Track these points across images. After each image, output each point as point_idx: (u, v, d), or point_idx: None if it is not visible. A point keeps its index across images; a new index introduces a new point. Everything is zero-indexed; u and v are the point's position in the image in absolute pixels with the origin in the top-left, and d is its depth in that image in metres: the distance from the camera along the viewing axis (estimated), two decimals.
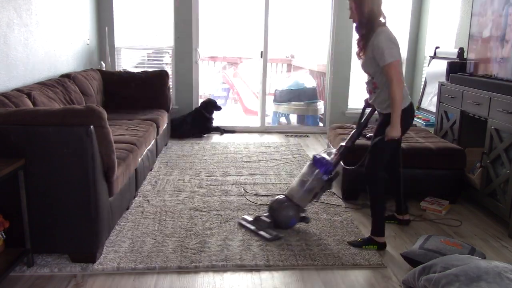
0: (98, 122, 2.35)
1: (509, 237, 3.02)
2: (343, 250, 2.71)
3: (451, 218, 3.09)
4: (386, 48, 2.51)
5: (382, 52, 2.51)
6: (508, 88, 3.20)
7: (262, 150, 5.04)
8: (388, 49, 2.51)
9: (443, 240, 2.57)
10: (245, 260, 2.54)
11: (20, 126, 2.28)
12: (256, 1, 5.93)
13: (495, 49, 3.77)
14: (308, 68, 7.79)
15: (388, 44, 2.52)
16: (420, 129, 4.42)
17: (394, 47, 2.54)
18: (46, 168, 2.31)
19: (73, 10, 4.67)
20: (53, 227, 2.40)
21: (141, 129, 3.74)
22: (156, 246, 2.68)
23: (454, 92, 3.97)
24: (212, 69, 8.74)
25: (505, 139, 3.15)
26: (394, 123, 2.57)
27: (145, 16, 5.86)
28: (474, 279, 1.90)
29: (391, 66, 2.51)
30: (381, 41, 2.52)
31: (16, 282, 2.29)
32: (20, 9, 3.49)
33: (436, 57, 4.99)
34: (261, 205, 3.35)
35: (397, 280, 2.43)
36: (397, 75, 2.51)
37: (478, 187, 3.42)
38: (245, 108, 7.71)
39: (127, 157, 2.96)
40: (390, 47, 2.52)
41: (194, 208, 3.28)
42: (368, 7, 2.55)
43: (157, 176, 3.98)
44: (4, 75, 3.28)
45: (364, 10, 2.56)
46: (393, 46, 2.53)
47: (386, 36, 2.54)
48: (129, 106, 4.72)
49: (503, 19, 3.67)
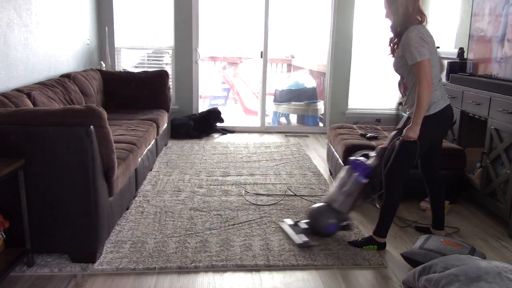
0: (98, 122, 2.35)
1: (509, 237, 3.02)
2: (343, 250, 2.71)
3: (447, 226, 3.07)
4: (415, 46, 2.41)
5: (411, 50, 2.42)
6: (508, 88, 3.20)
7: (262, 150, 5.04)
8: (418, 47, 2.40)
9: (443, 240, 2.57)
10: (245, 260, 2.54)
11: (20, 126, 2.28)
12: (256, 1, 5.93)
13: (495, 49, 3.77)
14: (308, 68, 7.79)
15: (419, 42, 2.41)
16: None
17: (425, 46, 2.42)
18: (46, 168, 2.31)
19: (73, 10, 4.67)
20: (53, 227, 2.40)
21: (141, 129, 3.74)
22: (156, 246, 2.68)
23: (454, 92, 3.97)
24: (212, 69, 8.74)
25: (505, 139, 3.15)
26: (414, 123, 2.47)
27: (145, 16, 5.86)
28: (474, 279, 1.90)
29: (419, 65, 2.40)
30: (411, 38, 2.43)
31: (16, 282, 2.29)
32: (20, 9, 3.49)
33: None
34: (261, 205, 3.36)
35: (397, 280, 2.43)
36: (426, 75, 2.40)
37: (478, 187, 3.42)
38: (245, 108, 7.71)
39: (127, 157, 2.96)
40: (421, 45, 2.41)
41: (194, 208, 3.28)
42: (403, 5, 2.48)
43: (157, 176, 3.98)
44: (4, 75, 3.28)
45: (399, 9, 2.49)
46: (423, 44, 2.41)
47: (417, 33, 2.43)
48: (129, 106, 4.72)
49: (503, 19, 3.67)
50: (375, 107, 6.09)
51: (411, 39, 2.42)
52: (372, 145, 3.54)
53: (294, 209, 3.31)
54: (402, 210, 3.41)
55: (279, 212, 3.24)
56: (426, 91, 2.40)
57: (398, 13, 2.50)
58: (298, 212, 3.26)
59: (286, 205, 3.39)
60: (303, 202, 3.45)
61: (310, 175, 4.14)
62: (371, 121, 5.77)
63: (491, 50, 3.82)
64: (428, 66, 2.41)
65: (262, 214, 3.21)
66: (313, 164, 4.51)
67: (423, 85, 2.40)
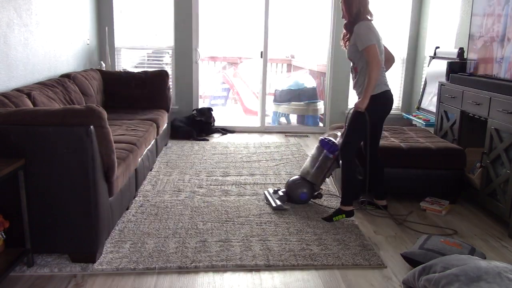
0: (98, 122, 2.35)
1: (509, 237, 3.02)
2: (343, 250, 2.71)
3: (447, 228, 3.08)
4: (364, 34, 2.92)
5: (361, 38, 2.92)
6: (508, 88, 3.20)
7: (262, 150, 5.04)
8: (367, 35, 2.92)
9: (443, 240, 2.57)
10: (245, 260, 2.54)
11: (20, 126, 2.28)
12: (256, 1, 5.93)
13: (495, 49, 3.78)
14: (308, 68, 7.79)
15: (366, 31, 2.94)
16: (420, 129, 4.42)
17: (372, 34, 2.94)
18: (46, 168, 2.31)
19: (73, 10, 4.67)
20: (53, 227, 2.40)
21: (141, 129, 3.74)
22: (156, 246, 2.68)
23: (454, 92, 3.97)
24: (212, 69, 8.74)
25: (505, 139, 3.15)
26: (364, 96, 2.96)
27: (145, 16, 5.86)
28: (474, 279, 1.90)
29: (369, 49, 2.90)
30: (360, 28, 2.95)
31: (16, 282, 2.29)
32: (20, 9, 3.49)
33: (436, 57, 4.99)
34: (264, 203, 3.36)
35: (397, 280, 2.43)
36: (375, 57, 2.89)
37: (478, 187, 3.42)
38: (245, 108, 7.71)
39: (127, 157, 2.96)
40: (369, 34, 2.93)
41: (194, 208, 3.28)
42: (356, 7, 2.99)
43: (157, 176, 3.98)
44: (4, 75, 3.28)
45: (353, 11, 3.00)
46: (370, 32, 2.94)
47: (366, 25, 2.96)
48: (129, 106, 4.72)
49: (503, 19, 3.67)
50: None
51: (361, 29, 2.95)
52: None
53: (294, 209, 3.31)
54: (401, 209, 3.41)
55: (279, 212, 3.24)
56: (375, 69, 2.90)
57: (352, 14, 3.01)
58: (298, 211, 3.26)
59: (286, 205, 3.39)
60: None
61: None
62: None
63: (491, 50, 3.82)
64: (376, 49, 2.91)
65: (262, 214, 3.21)
66: None
67: (373, 65, 2.89)
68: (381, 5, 5.93)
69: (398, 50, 6.00)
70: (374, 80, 2.91)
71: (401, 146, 3.56)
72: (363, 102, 2.97)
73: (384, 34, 3.16)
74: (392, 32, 5.95)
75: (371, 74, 2.90)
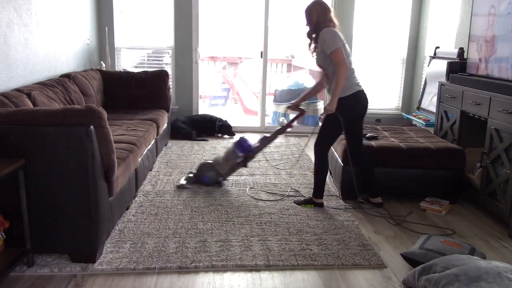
0: (98, 122, 2.35)
1: (509, 237, 3.02)
2: (343, 250, 2.71)
3: (446, 228, 3.09)
4: (330, 39, 3.08)
5: (327, 43, 3.08)
6: (508, 88, 3.20)
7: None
8: (333, 39, 3.08)
9: (443, 240, 2.57)
10: (245, 260, 2.55)
11: (20, 126, 2.28)
12: (256, 1, 5.93)
13: (495, 49, 3.77)
14: (308, 68, 7.78)
15: (331, 36, 3.10)
16: (420, 129, 4.42)
17: (337, 38, 3.10)
18: (46, 168, 2.31)
19: (73, 10, 4.67)
20: (53, 227, 2.40)
21: (141, 129, 3.74)
22: (156, 246, 2.68)
23: (454, 92, 3.97)
24: (212, 69, 8.74)
25: (505, 139, 3.15)
26: (332, 98, 3.09)
27: (145, 16, 5.86)
28: (474, 279, 1.90)
29: (336, 52, 3.05)
30: (325, 34, 3.12)
31: (16, 282, 2.30)
32: (20, 9, 3.49)
33: (436, 57, 4.99)
34: (265, 201, 3.36)
35: (397, 280, 2.43)
36: (342, 60, 3.04)
37: (478, 187, 3.42)
38: (245, 108, 7.71)
39: (127, 157, 2.96)
40: (334, 38, 3.09)
41: (194, 208, 3.28)
42: (316, 16, 3.20)
43: (157, 176, 3.98)
44: (4, 75, 3.28)
45: (313, 20, 3.21)
46: (335, 37, 3.09)
47: (330, 31, 3.12)
48: (129, 106, 4.72)
49: (503, 19, 3.67)
50: (375, 107, 6.08)
51: (326, 35, 3.11)
52: (372, 145, 3.55)
53: (294, 209, 3.31)
54: (400, 210, 3.41)
55: (279, 212, 3.24)
56: (342, 72, 3.03)
57: (313, 22, 3.21)
58: (298, 212, 3.26)
59: (286, 205, 3.39)
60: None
61: (310, 175, 4.13)
62: (371, 121, 5.76)
63: (491, 50, 3.82)
64: (343, 53, 3.06)
65: (262, 214, 3.21)
66: (313, 164, 4.49)
67: (341, 68, 3.03)
68: (381, 5, 5.93)
69: (398, 50, 6.00)
70: (342, 82, 3.04)
71: (401, 146, 3.56)
72: (331, 104, 3.09)
73: (384, 34, 3.24)
74: (392, 32, 5.95)
75: (338, 77, 3.03)
